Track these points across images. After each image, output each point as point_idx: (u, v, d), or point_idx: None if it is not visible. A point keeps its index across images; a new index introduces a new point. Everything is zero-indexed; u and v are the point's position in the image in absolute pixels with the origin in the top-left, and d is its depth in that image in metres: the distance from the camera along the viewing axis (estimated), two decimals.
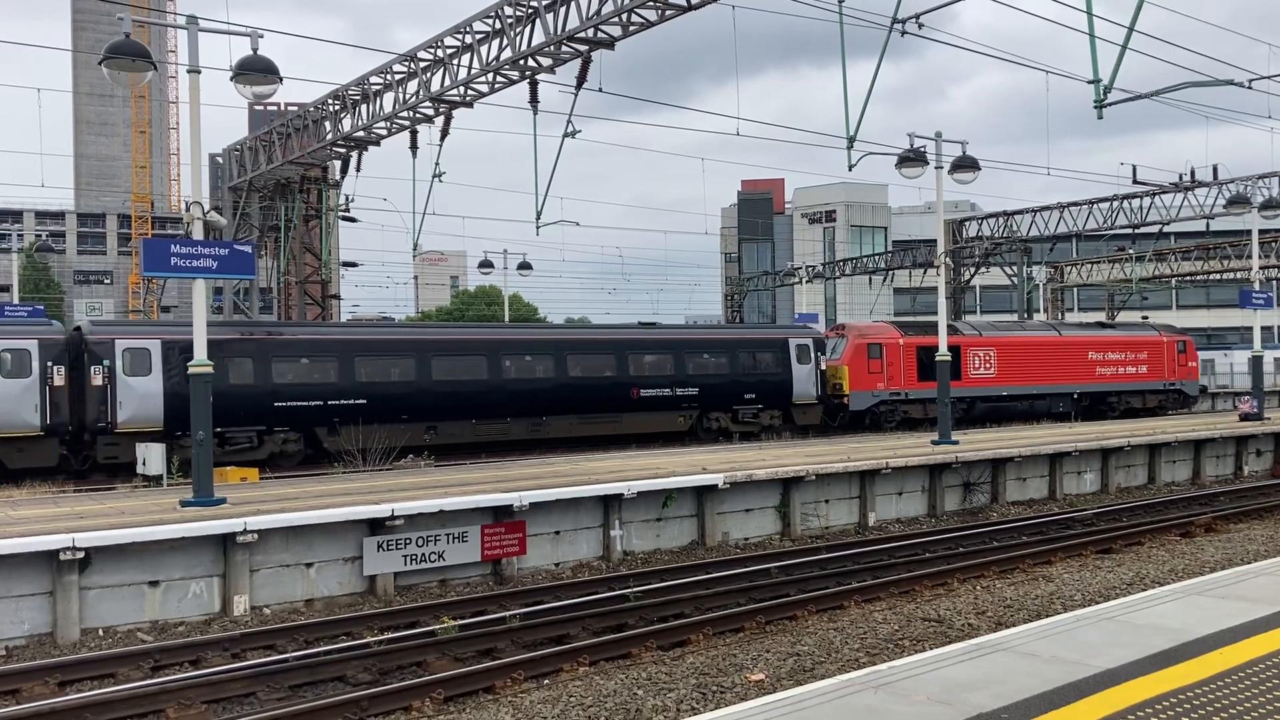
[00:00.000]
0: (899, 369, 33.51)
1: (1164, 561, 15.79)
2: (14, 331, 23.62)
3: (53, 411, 23.00)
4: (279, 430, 25.31)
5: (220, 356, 22.76)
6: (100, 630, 12.36)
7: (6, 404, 22.42)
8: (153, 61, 15.69)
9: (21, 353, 22.94)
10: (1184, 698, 6.02)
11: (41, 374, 22.89)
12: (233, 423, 24.20)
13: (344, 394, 26.00)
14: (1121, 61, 18.90)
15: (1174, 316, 71.38)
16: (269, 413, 25.06)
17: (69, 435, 23.45)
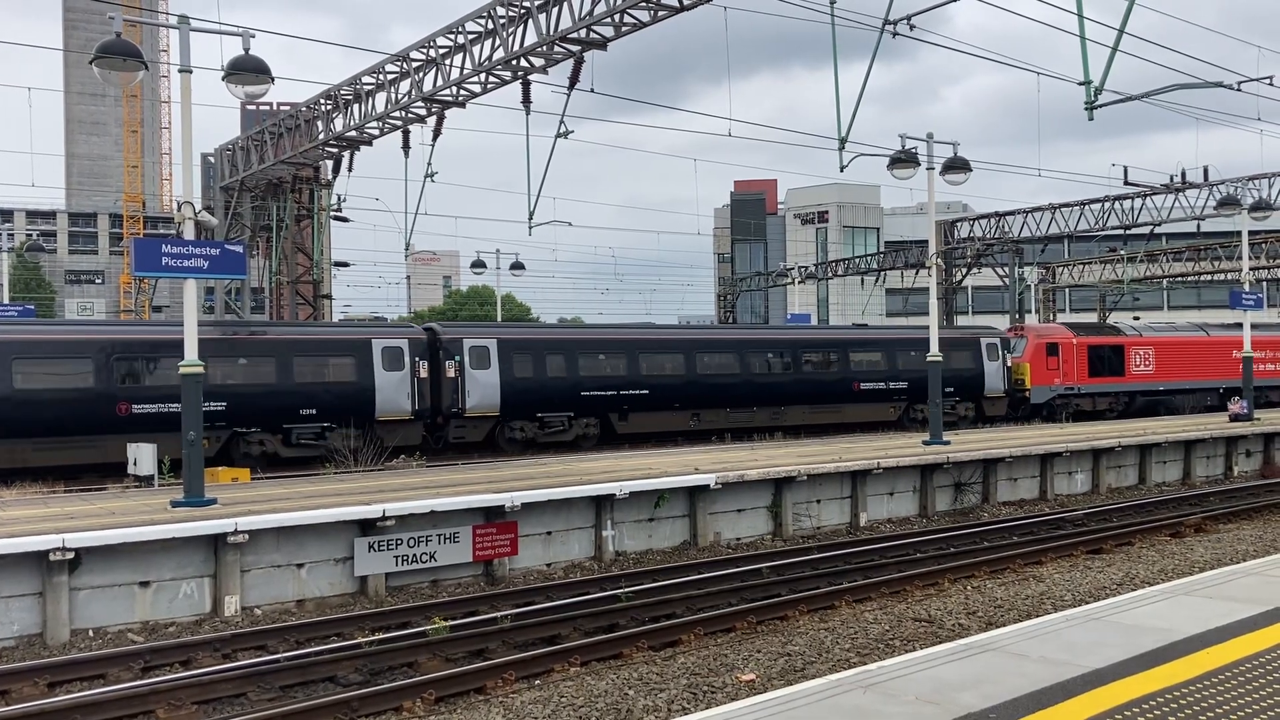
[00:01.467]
0: (1073, 366, 37.71)
1: (1154, 561, 15.85)
2: (391, 333, 28.11)
3: (419, 399, 27.09)
4: (583, 417, 29.50)
5: (545, 354, 28.73)
6: (90, 631, 12.33)
7: (387, 392, 26.62)
8: (144, 61, 15.65)
9: (397, 350, 26.99)
10: (1171, 697, 6.05)
11: (411, 368, 27.00)
12: (550, 409, 28.88)
13: (632, 385, 30.38)
14: (1112, 63, 18.98)
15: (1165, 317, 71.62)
16: (576, 401, 29.36)
17: (430, 418, 27.52)
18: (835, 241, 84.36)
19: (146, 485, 19.77)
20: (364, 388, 26.45)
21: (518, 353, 28.69)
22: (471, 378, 27.77)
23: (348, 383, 26.38)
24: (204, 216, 16.71)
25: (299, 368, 25.85)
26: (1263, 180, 39.53)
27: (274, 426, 25.41)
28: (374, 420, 26.41)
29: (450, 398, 27.58)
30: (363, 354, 26.68)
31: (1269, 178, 39.47)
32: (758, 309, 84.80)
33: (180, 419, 15.99)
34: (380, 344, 27.01)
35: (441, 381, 27.63)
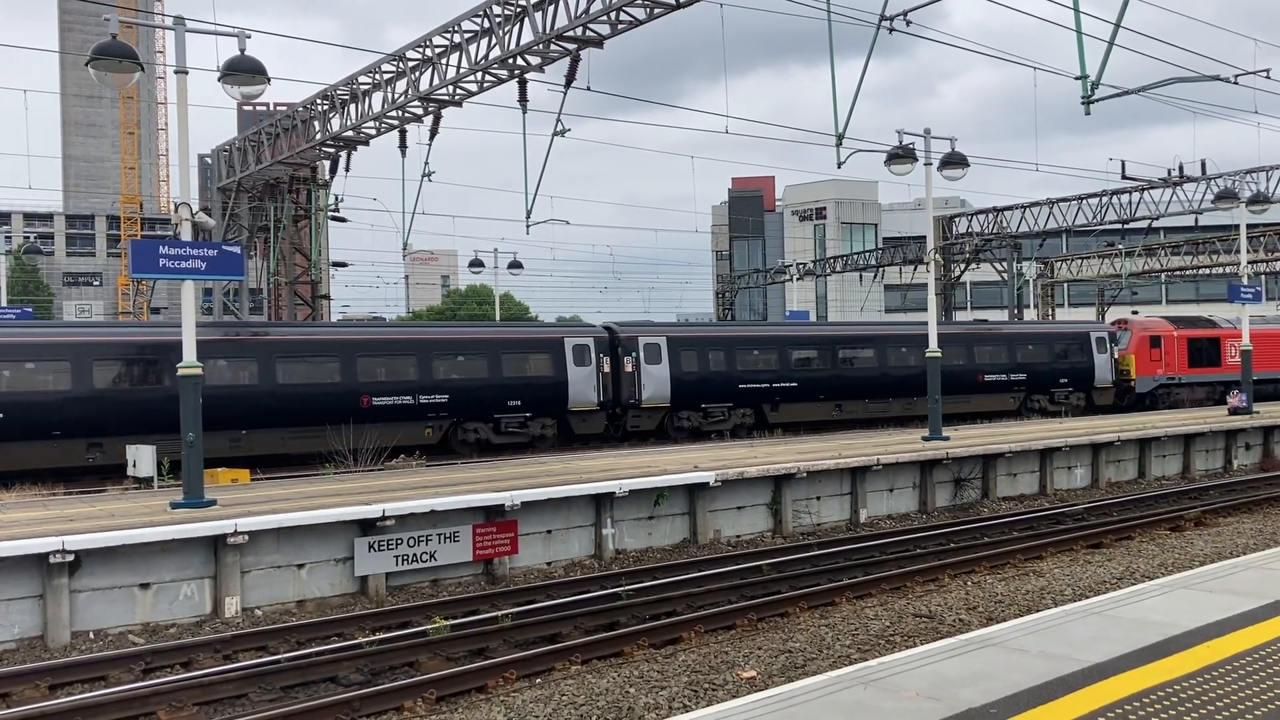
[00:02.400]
0: (1174, 357, 40.32)
1: (1153, 556, 15.86)
2: (579, 332, 31.34)
3: (604, 391, 29.87)
4: (740, 407, 32.21)
5: (709, 350, 31.93)
6: (91, 633, 12.33)
7: (578, 386, 29.44)
8: (140, 62, 15.63)
9: (585, 347, 29.79)
10: (1171, 691, 6.06)
11: (597, 364, 29.84)
12: (712, 400, 31.77)
13: (783, 379, 33.10)
14: (1109, 57, 18.98)
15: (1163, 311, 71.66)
16: (735, 393, 32.14)
17: (610, 409, 30.17)
18: (833, 238, 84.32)
19: (146, 487, 19.77)
20: (558, 382, 29.35)
21: (685, 349, 31.69)
22: (646, 372, 30.67)
23: (545, 377, 29.26)
24: (201, 217, 16.71)
25: (506, 365, 28.82)
26: (1260, 173, 39.52)
27: (487, 416, 28.34)
28: (566, 410, 29.48)
29: (628, 390, 30.46)
30: (557, 352, 29.58)
31: (1266, 171, 39.46)
32: (756, 306, 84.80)
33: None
34: (571, 342, 29.93)
35: (621, 376, 30.44)
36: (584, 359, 29.68)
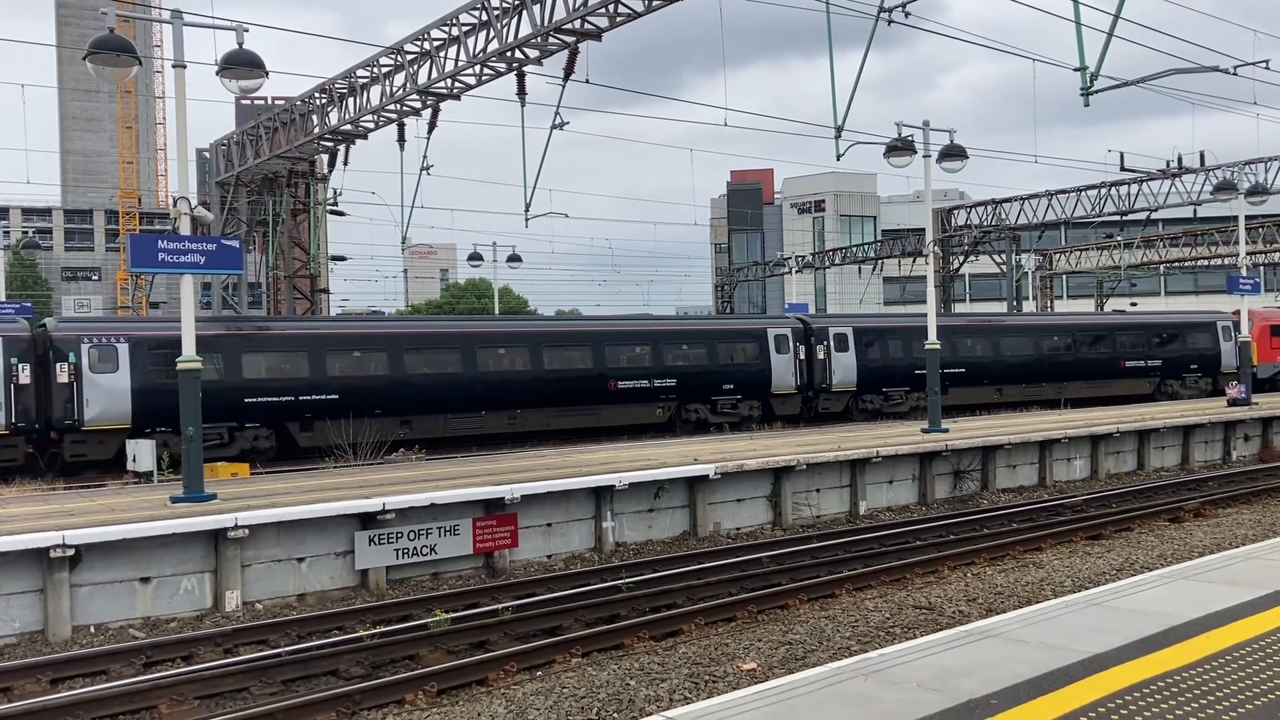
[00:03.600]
0: None
1: (1153, 547, 15.88)
2: (778, 323, 34.30)
3: (800, 376, 33.31)
4: (915, 391, 34.61)
5: (889, 339, 35.18)
6: (92, 627, 12.35)
7: (779, 371, 32.94)
8: (138, 56, 15.61)
9: (784, 336, 33.22)
10: (1171, 681, 6.07)
11: (794, 351, 33.36)
12: (891, 385, 35.03)
13: (954, 365, 35.63)
14: (1108, 49, 18.95)
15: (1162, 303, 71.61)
16: (912, 379, 34.55)
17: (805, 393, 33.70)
18: (832, 231, 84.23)
19: (146, 481, 19.79)
20: (763, 368, 32.79)
21: (869, 338, 34.90)
22: (836, 359, 33.99)
23: (753, 364, 32.70)
24: (200, 212, 16.69)
25: (721, 353, 32.27)
26: (1259, 164, 39.45)
27: (705, 399, 31.83)
28: (770, 394, 32.87)
29: (820, 375, 33.79)
30: (761, 341, 32.97)
31: (1265, 162, 39.40)
32: (755, 299, 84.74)
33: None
34: (773, 332, 33.27)
35: (814, 362, 33.76)
36: (783, 347, 33.20)
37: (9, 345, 23.04)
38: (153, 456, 20.02)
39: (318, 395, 25.96)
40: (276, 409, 25.55)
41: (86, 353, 23.56)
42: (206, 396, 22.17)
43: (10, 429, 22.71)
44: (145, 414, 23.63)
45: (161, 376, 23.27)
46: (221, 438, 24.60)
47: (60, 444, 23.45)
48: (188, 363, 15.68)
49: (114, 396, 23.59)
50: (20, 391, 22.97)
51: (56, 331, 23.83)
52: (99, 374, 23.54)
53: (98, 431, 23.44)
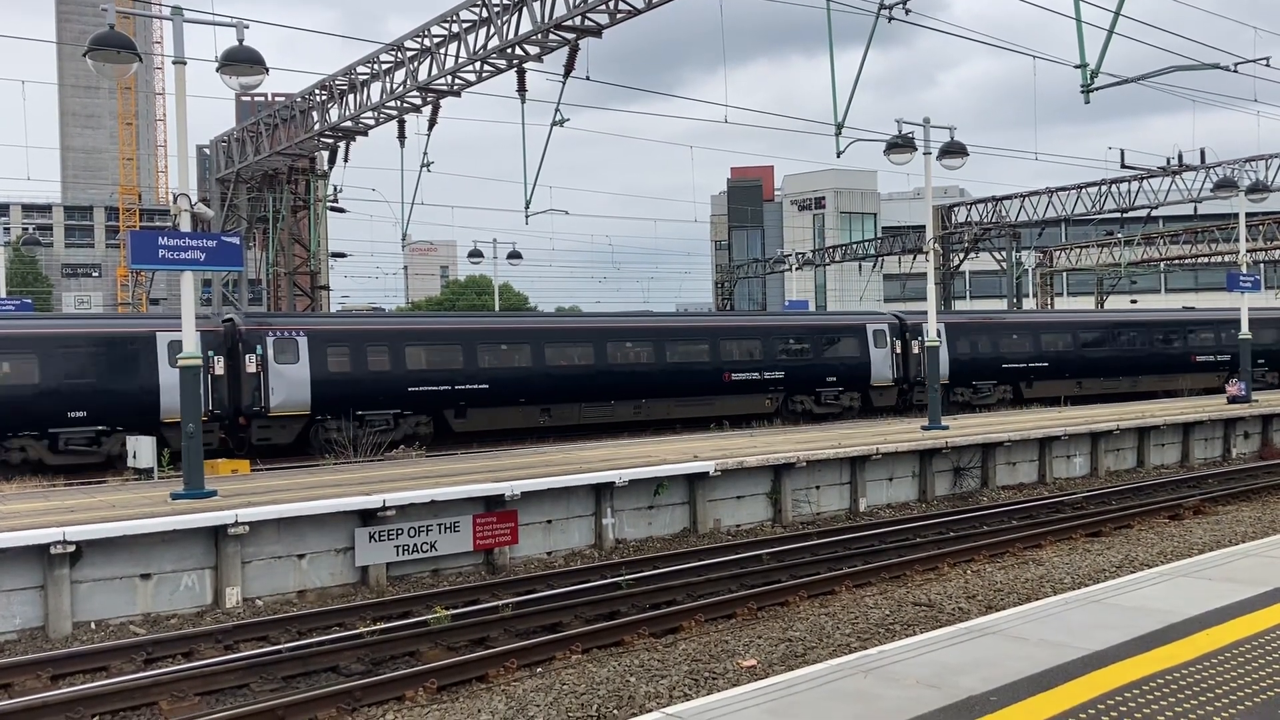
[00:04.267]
0: None
1: (1153, 544, 15.89)
2: (876, 318, 36.06)
3: (895, 370, 35.19)
4: (1003, 384, 37.16)
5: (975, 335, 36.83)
6: (92, 624, 12.36)
7: (878, 365, 34.75)
8: (138, 53, 15.60)
9: (883, 331, 35.03)
10: (1170, 679, 6.08)
11: (891, 346, 35.01)
12: (980, 379, 36.78)
13: (1037, 359, 37.87)
14: (1108, 46, 18.94)
15: (1163, 300, 71.55)
16: (999, 372, 37.23)
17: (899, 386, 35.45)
18: (832, 227, 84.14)
19: (146, 478, 19.79)
20: (864, 361, 34.44)
21: (960, 334, 36.77)
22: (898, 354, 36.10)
23: (854, 357, 34.36)
24: (200, 208, 16.68)
25: (825, 347, 34.21)
26: (1260, 162, 39.44)
27: (810, 390, 33.53)
28: (869, 386, 34.50)
29: (915, 369, 35.12)
30: (861, 336, 34.66)
31: (1266, 159, 39.39)
32: (755, 296, 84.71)
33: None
34: (871, 328, 34.91)
35: (909, 356, 35.26)
36: (882, 342, 34.86)
37: (206, 339, 23.96)
38: (153, 453, 20.02)
39: (471, 385, 27.95)
40: (435, 397, 27.42)
41: (271, 345, 25.51)
42: (376, 386, 26.44)
43: (208, 415, 23.65)
44: (321, 401, 25.77)
45: (335, 367, 26.11)
46: (388, 424, 26.59)
47: (248, 429, 25.25)
48: (189, 359, 15.67)
49: (295, 385, 25.51)
50: (216, 381, 24.78)
51: (245, 325, 25.83)
52: (282, 365, 25.48)
53: (281, 417, 25.39)
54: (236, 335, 25.54)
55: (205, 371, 23.71)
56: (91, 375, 23.76)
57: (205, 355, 23.29)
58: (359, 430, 25.23)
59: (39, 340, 23.66)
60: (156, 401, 23.94)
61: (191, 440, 15.37)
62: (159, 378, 24.07)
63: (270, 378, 25.25)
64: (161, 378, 23.99)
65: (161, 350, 24.24)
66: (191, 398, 15.54)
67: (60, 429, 23.24)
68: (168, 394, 23.36)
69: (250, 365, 25.18)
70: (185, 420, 15.47)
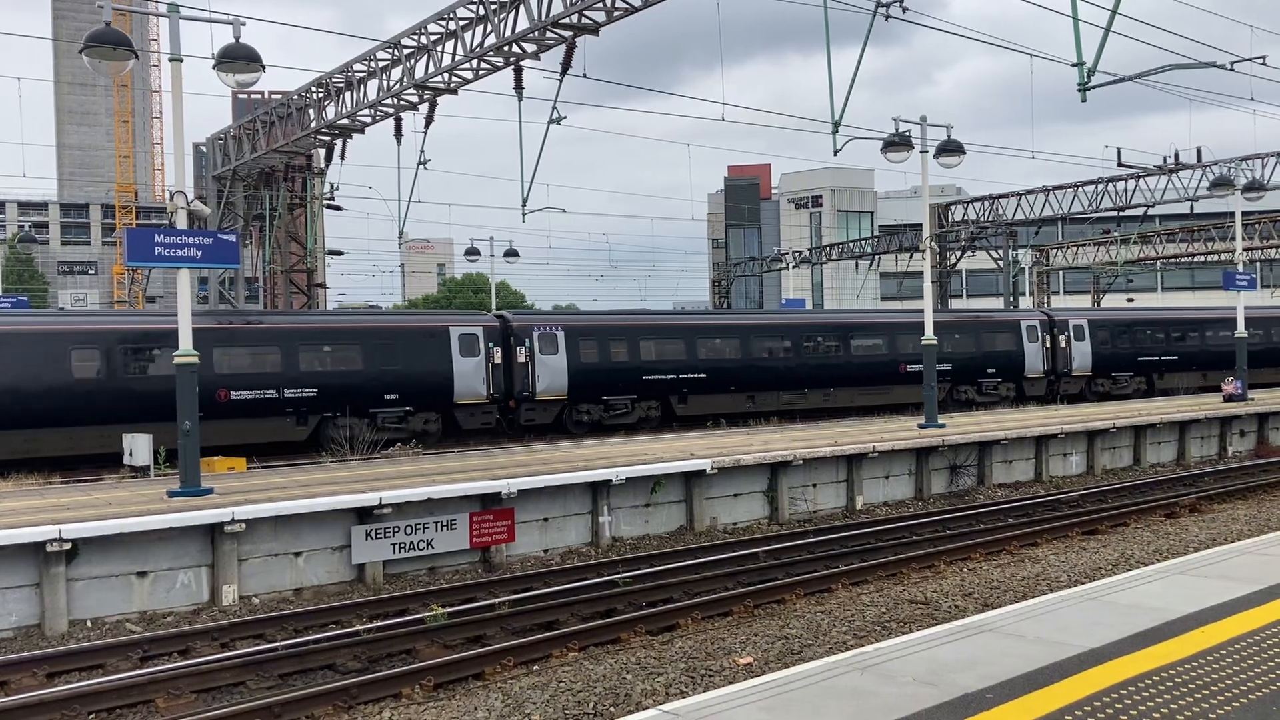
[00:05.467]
0: None
1: (1149, 542, 15.91)
2: (1028, 315, 38.85)
3: (1045, 362, 38.12)
4: (1138, 376, 40.20)
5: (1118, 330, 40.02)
6: (88, 621, 12.35)
7: (1030, 358, 37.73)
8: (134, 50, 15.57)
9: (1034, 326, 37.93)
10: (1165, 676, 6.09)
11: (1041, 340, 38.14)
12: (1120, 370, 39.75)
13: (1167, 353, 40.83)
14: (1105, 44, 18.94)
15: (1159, 299, 71.64)
16: (1134, 364, 39.95)
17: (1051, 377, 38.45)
18: (829, 226, 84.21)
19: (143, 476, 19.77)
20: (1018, 355, 37.54)
21: (1100, 330, 39.72)
22: (1075, 347, 38.87)
23: (1009, 351, 37.47)
24: (196, 206, 16.66)
25: (985, 341, 37.08)
26: (1256, 160, 39.44)
27: (972, 380, 36.63)
28: (1023, 377, 37.46)
29: (1062, 362, 38.48)
30: (1016, 331, 37.61)
31: (1262, 158, 39.40)
32: (752, 294, 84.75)
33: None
34: (1025, 323, 37.75)
35: (1056, 350, 38.34)
36: (1034, 336, 37.82)
37: (488, 333, 28.74)
38: (149, 451, 19.99)
39: (692, 374, 31.67)
40: (663, 385, 31.21)
41: (537, 339, 29.34)
42: (618, 374, 30.59)
43: (489, 398, 28.41)
44: (577, 388, 29.71)
45: (586, 358, 30.01)
46: (626, 408, 30.53)
47: (517, 411, 29.13)
48: (184, 357, 15.65)
49: (556, 373, 29.40)
50: (494, 369, 28.66)
51: (516, 321, 29.89)
52: (545, 356, 29.32)
53: (544, 401, 29.30)
54: (509, 330, 29.33)
55: (487, 360, 28.47)
56: (401, 363, 27.40)
57: (486, 347, 28.48)
58: (603, 413, 30.05)
59: (363, 333, 27.56)
60: (451, 385, 27.90)
61: (188, 438, 15.35)
62: (452, 365, 27.95)
63: (536, 367, 29.20)
64: (454, 365, 27.99)
65: (453, 342, 28.18)
66: (189, 396, 15.51)
67: (378, 409, 26.81)
68: (459, 379, 27.91)
69: (520, 356, 29.17)
70: (181, 418, 15.44)
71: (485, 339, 28.59)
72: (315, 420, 26.16)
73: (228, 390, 25.01)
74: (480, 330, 28.70)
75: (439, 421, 27.67)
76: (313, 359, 26.49)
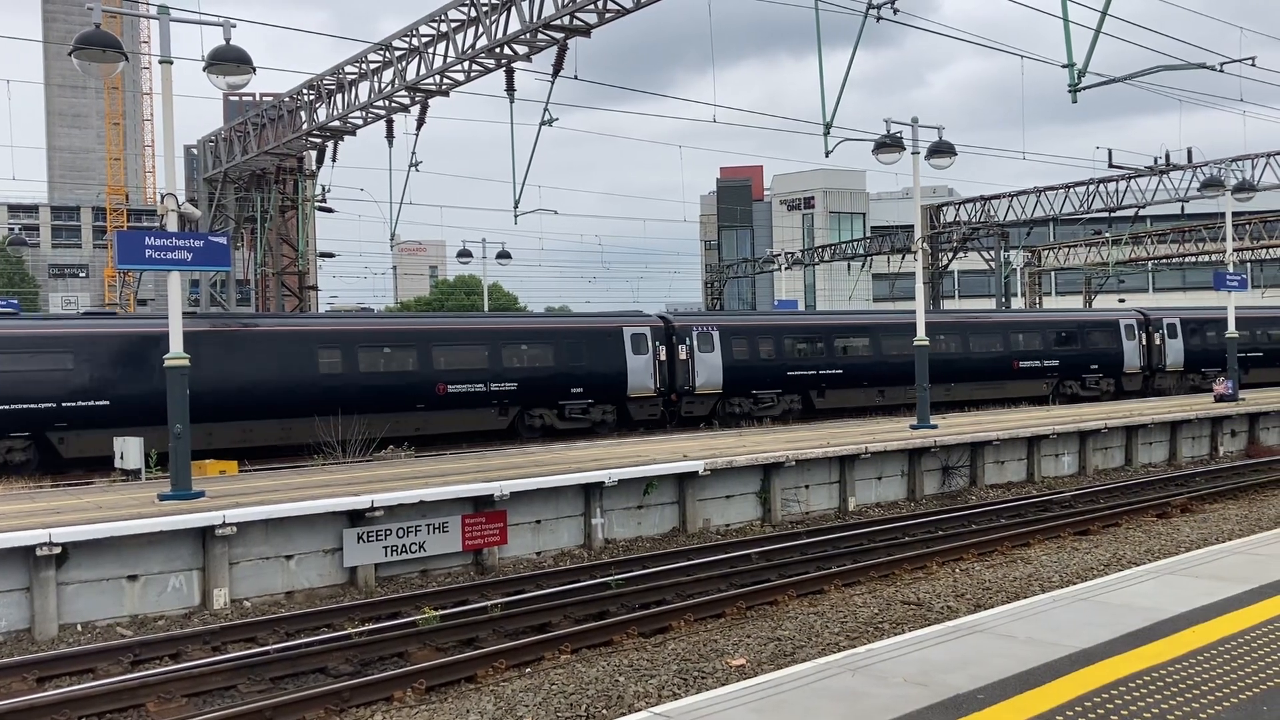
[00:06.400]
0: None
1: (1140, 542, 15.94)
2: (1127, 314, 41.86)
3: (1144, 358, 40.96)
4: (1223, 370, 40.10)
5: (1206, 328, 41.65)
6: (79, 625, 12.30)
7: (1129, 354, 40.60)
8: (124, 52, 15.52)
9: (1132, 326, 40.89)
10: (1156, 676, 6.10)
11: (1138, 339, 40.77)
12: (1210, 365, 40.89)
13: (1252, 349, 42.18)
14: (1095, 45, 19.00)
15: (1150, 299, 71.81)
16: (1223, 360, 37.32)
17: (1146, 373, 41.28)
18: (821, 227, 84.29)
19: (134, 479, 19.70)
20: (1118, 351, 40.39)
21: (1192, 327, 41.83)
22: (1169, 344, 41.32)
23: (1110, 348, 40.28)
24: (187, 208, 16.62)
25: (1088, 340, 39.97)
26: (1246, 161, 39.58)
27: (1077, 376, 39.48)
28: (1122, 372, 40.48)
29: (1158, 358, 41.17)
30: (1115, 330, 40.45)
31: (1252, 159, 39.53)
32: (745, 296, 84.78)
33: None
34: (1123, 323, 40.96)
35: (1152, 347, 41.13)
36: (1131, 334, 40.67)
37: (654, 333, 31.64)
38: (140, 454, 19.93)
39: (830, 370, 34.50)
40: (805, 380, 34.00)
41: (696, 338, 31.89)
42: (766, 370, 33.34)
43: (656, 392, 31.29)
44: (730, 383, 32.39)
45: (738, 355, 32.72)
46: (772, 401, 33.19)
47: (678, 403, 31.81)
48: (175, 360, 15.60)
49: (713, 370, 31.99)
50: (659, 365, 31.41)
51: (677, 322, 32.53)
52: (703, 353, 31.94)
53: (702, 395, 31.98)
54: (672, 330, 32.00)
55: (654, 357, 31.39)
56: (585, 361, 30.28)
57: (653, 345, 31.40)
58: (753, 406, 32.79)
59: (554, 334, 30.75)
60: (625, 380, 30.72)
61: (179, 440, 15.30)
62: (626, 362, 30.77)
63: (695, 364, 31.79)
64: (628, 362, 30.82)
65: (626, 341, 30.96)
66: (179, 398, 15.46)
67: (566, 401, 29.86)
68: (632, 375, 30.81)
69: (682, 354, 31.74)
70: (172, 420, 15.39)
71: (652, 338, 31.47)
72: (515, 411, 29.27)
73: (445, 384, 28.19)
74: (648, 330, 31.60)
75: (615, 413, 30.65)
76: (513, 357, 29.50)
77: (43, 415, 23.40)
